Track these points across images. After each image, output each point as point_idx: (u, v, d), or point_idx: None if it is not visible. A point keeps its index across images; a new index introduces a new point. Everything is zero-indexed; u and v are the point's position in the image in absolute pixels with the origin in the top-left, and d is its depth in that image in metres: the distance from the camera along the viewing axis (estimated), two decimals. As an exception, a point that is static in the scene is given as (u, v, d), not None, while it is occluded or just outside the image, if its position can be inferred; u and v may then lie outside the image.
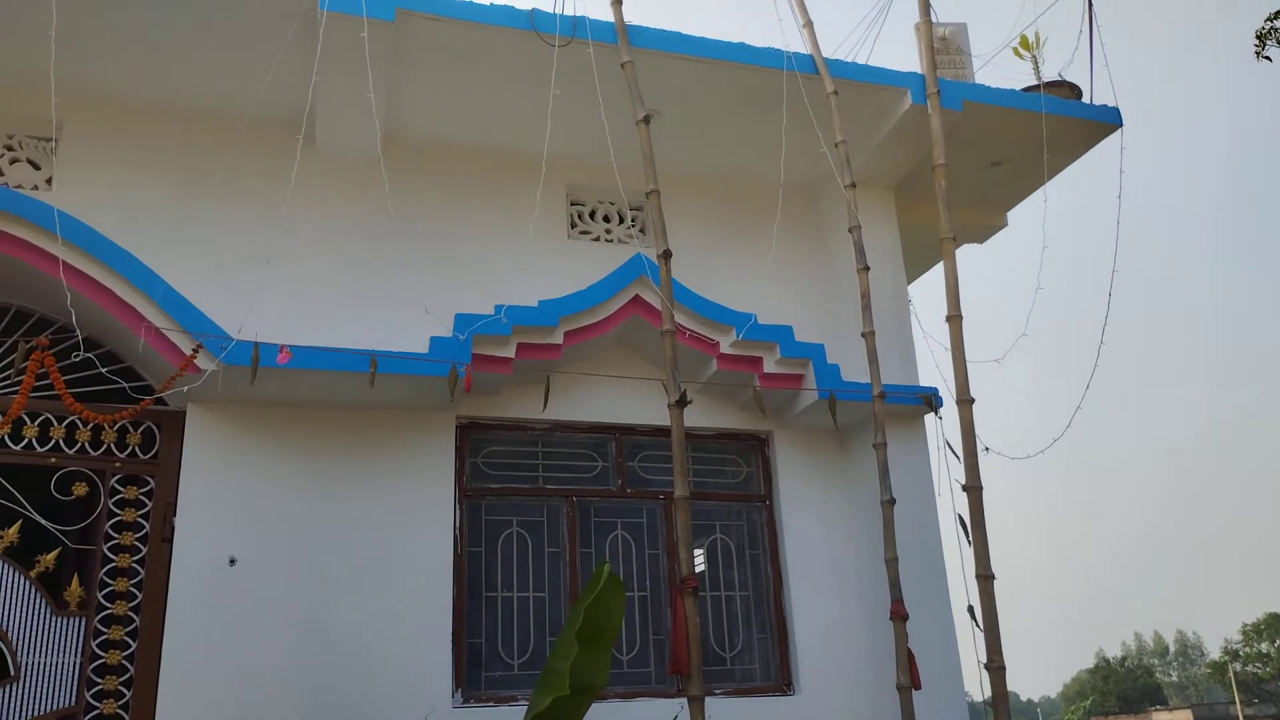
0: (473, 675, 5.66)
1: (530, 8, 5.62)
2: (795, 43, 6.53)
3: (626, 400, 6.27)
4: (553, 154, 5.87)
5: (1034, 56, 7.04)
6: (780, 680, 6.16)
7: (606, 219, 6.79)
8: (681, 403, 5.10)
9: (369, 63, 5.19)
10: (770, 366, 6.16)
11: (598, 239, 6.70)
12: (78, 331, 4.86)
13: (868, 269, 6.00)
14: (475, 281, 6.09)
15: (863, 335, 5.94)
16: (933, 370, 8.15)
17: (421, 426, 5.85)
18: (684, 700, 4.91)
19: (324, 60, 5.22)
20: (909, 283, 7.37)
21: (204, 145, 5.94)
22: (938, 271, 8.36)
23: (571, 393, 6.14)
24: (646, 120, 5.52)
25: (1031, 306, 6.52)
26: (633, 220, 6.82)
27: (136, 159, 5.78)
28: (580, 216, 6.73)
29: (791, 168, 6.60)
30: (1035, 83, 6.91)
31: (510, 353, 5.69)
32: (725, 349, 6.11)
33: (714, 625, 6.22)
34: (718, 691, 5.86)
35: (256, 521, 5.39)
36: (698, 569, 6.34)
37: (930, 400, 6.30)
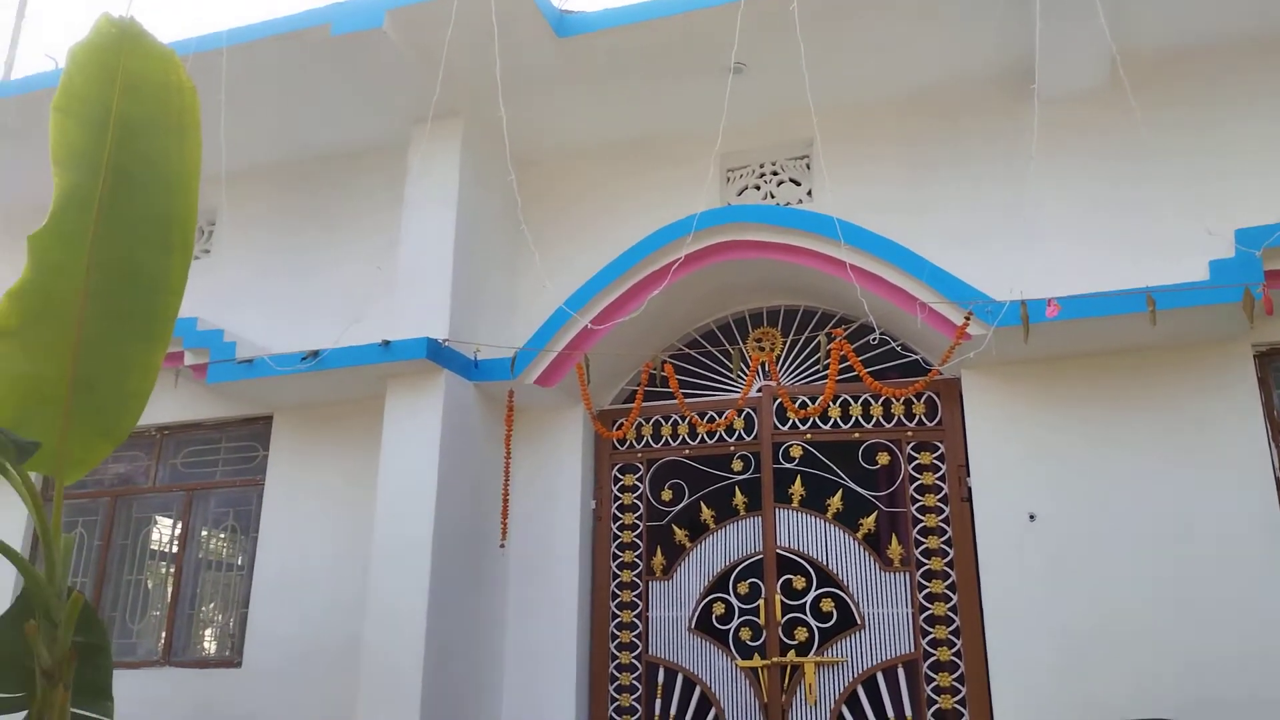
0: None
1: None
2: None
3: None
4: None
5: None
6: None
7: None
8: None
9: (1094, -13, 4.91)
10: None
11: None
12: (870, 319, 5.42)
13: None
14: (1249, 191, 5.34)
15: None
16: None
17: (1209, 361, 5.30)
18: None
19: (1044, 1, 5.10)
20: None
21: (929, 125, 6.20)
22: None
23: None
24: None
25: None
26: None
27: (874, 153, 6.27)
28: (1374, 81, 5.50)
29: None
30: None
31: (1320, 261, 4.88)
32: None
33: None
34: None
35: (1047, 477, 5.40)
36: None
37: None
